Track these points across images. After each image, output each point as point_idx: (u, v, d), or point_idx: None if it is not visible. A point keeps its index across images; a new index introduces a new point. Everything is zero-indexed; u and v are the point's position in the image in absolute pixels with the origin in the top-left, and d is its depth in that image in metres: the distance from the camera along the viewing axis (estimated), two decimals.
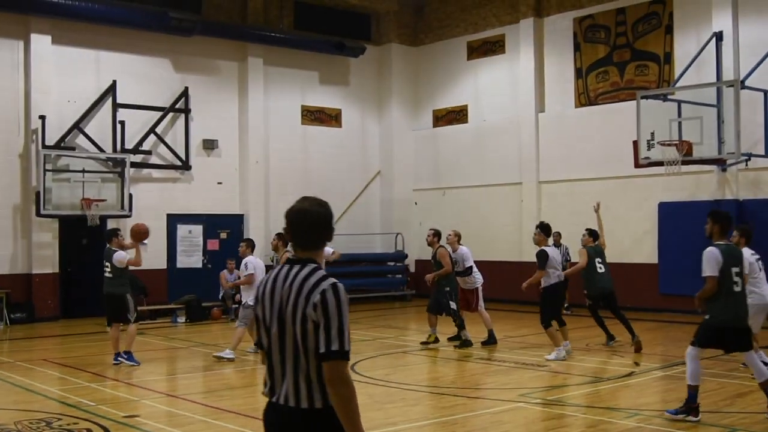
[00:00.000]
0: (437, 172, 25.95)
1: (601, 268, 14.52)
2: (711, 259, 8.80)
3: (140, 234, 13.41)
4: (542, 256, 13.50)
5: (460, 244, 15.37)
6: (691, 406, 8.95)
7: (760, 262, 11.22)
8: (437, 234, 15.45)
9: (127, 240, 13.98)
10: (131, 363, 13.31)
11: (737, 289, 8.89)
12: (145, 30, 21.44)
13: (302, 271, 3.94)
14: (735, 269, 8.89)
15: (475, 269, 15.29)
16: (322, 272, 3.94)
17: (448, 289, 14.84)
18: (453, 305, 14.92)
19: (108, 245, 13.48)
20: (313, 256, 4.04)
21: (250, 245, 14.92)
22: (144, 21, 21.16)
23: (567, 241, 19.30)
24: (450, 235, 15.53)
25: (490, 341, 15.18)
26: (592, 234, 14.95)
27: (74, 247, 20.97)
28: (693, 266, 19.72)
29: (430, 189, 26.08)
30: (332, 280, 3.90)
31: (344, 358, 3.78)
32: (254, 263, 14.40)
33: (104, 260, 13.48)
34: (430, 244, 15.42)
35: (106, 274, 13.50)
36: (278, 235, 14.55)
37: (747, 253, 11.05)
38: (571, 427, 9.09)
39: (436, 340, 15.31)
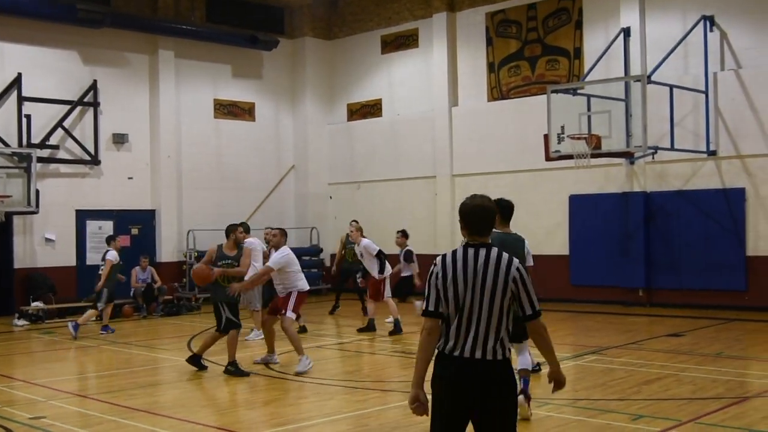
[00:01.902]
0: (352, 166, 25.94)
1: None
2: None
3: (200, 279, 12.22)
4: None
5: (363, 237, 15.94)
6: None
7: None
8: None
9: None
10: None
11: None
12: (52, 21, 20.90)
13: (491, 253, 4.92)
14: None
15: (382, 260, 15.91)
16: (505, 254, 4.96)
17: None
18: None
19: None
20: (487, 240, 5.00)
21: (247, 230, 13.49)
22: (51, 12, 20.62)
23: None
24: (352, 229, 16.37)
25: (396, 331, 15.67)
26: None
27: None
28: (603, 257, 20.24)
29: (345, 183, 26.05)
30: (516, 259, 4.99)
31: (540, 314, 4.96)
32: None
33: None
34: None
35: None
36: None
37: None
38: None
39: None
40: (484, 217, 5.01)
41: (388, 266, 16.10)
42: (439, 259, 5.03)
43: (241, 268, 12.12)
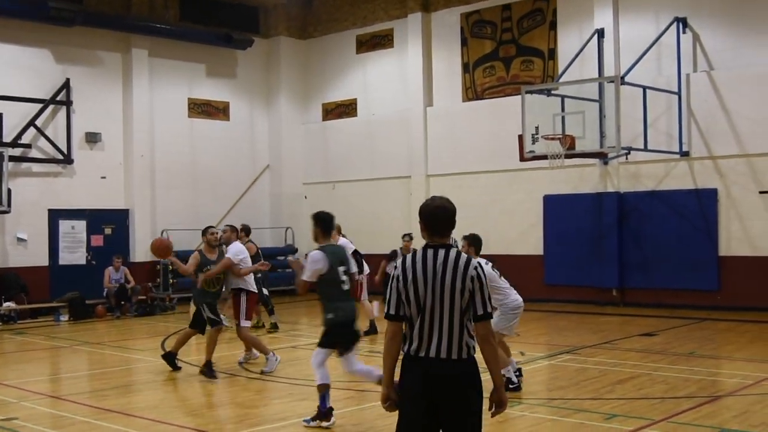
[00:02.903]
0: (327, 165, 25.91)
1: None
2: (314, 261, 8.94)
3: (160, 250, 12.51)
4: None
5: (342, 235, 15.91)
6: (321, 411, 8.88)
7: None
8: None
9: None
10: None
11: (346, 287, 9.10)
12: (24, 19, 20.73)
13: (450, 253, 4.94)
14: (342, 268, 9.08)
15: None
16: (464, 254, 4.99)
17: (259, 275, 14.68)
18: (265, 291, 16.23)
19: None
20: (446, 241, 5.03)
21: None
22: (22, 10, 20.47)
23: (455, 235, 19.51)
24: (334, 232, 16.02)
25: (371, 331, 15.68)
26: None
27: None
28: (577, 257, 20.30)
29: (319, 183, 26.02)
30: (476, 259, 5.08)
31: (491, 317, 4.98)
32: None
33: None
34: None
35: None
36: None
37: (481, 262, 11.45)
38: None
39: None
40: (444, 218, 5.03)
41: (366, 267, 16.14)
42: (399, 261, 5.07)
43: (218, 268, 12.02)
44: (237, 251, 12.21)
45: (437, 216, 5.04)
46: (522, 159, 18.54)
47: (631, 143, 18.29)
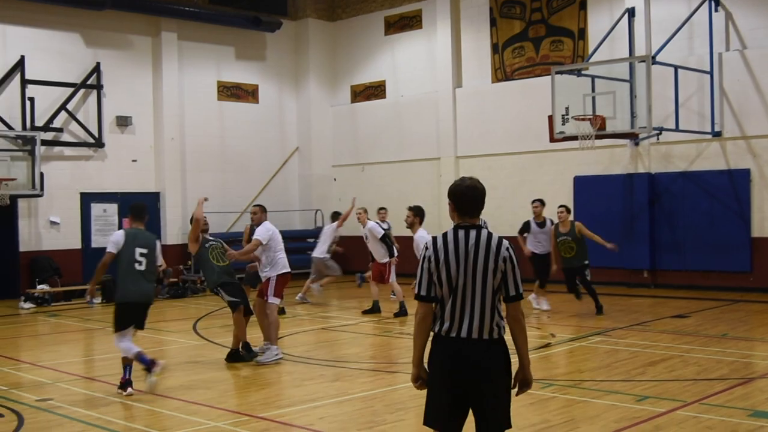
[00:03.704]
0: (356, 147, 25.91)
1: None
2: (111, 240, 9.73)
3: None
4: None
5: (369, 219, 16.09)
6: (122, 381, 9.69)
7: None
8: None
9: None
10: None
11: (140, 268, 9.65)
12: (54, 3, 20.83)
13: (482, 234, 4.98)
14: (140, 250, 9.66)
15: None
16: (495, 234, 5.01)
17: None
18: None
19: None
20: (476, 222, 5.05)
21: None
22: None
23: (485, 215, 19.46)
24: (359, 213, 16.44)
25: (402, 313, 15.73)
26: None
27: None
28: (607, 239, 20.12)
29: (349, 165, 26.03)
30: (506, 240, 5.03)
31: (523, 298, 5.01)
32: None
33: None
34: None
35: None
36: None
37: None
38: None
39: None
40: (474, 198, 5.05)
41: (395, 250, 16.26)
42: (429, 242, 5.07)
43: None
44: (266, 233, 11.81)
45: (467, 196, 5.05)
46: (552, 140, 18.43)
47: (663, 123, 18.12)
